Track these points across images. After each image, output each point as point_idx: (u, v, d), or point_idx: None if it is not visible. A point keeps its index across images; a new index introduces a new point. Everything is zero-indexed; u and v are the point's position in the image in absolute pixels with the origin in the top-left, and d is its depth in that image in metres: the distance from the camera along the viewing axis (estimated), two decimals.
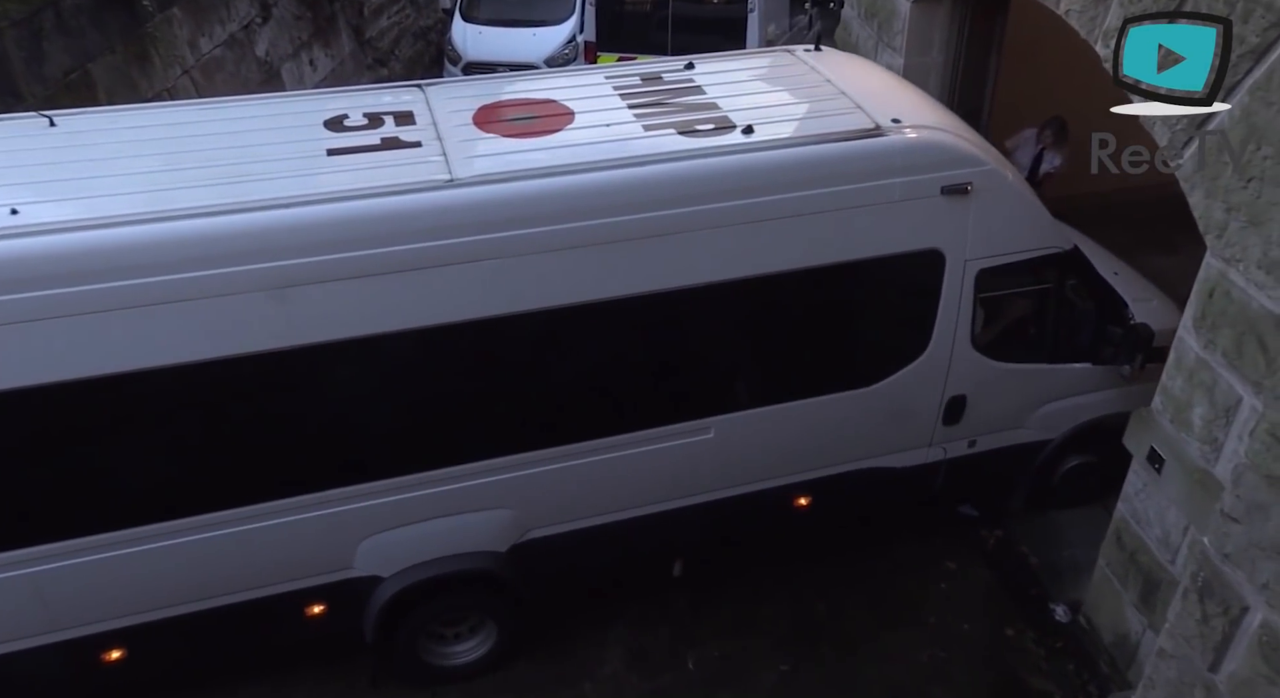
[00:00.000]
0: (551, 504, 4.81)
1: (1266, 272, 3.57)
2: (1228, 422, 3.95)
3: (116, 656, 4.51)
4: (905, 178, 4.50)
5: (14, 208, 3.68)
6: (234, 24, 9.95)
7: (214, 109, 4.85)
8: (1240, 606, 3.31)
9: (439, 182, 4.05)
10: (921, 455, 5.36)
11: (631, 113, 4.69)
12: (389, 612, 4.73)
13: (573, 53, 11.77)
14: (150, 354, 3.80)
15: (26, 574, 4.10)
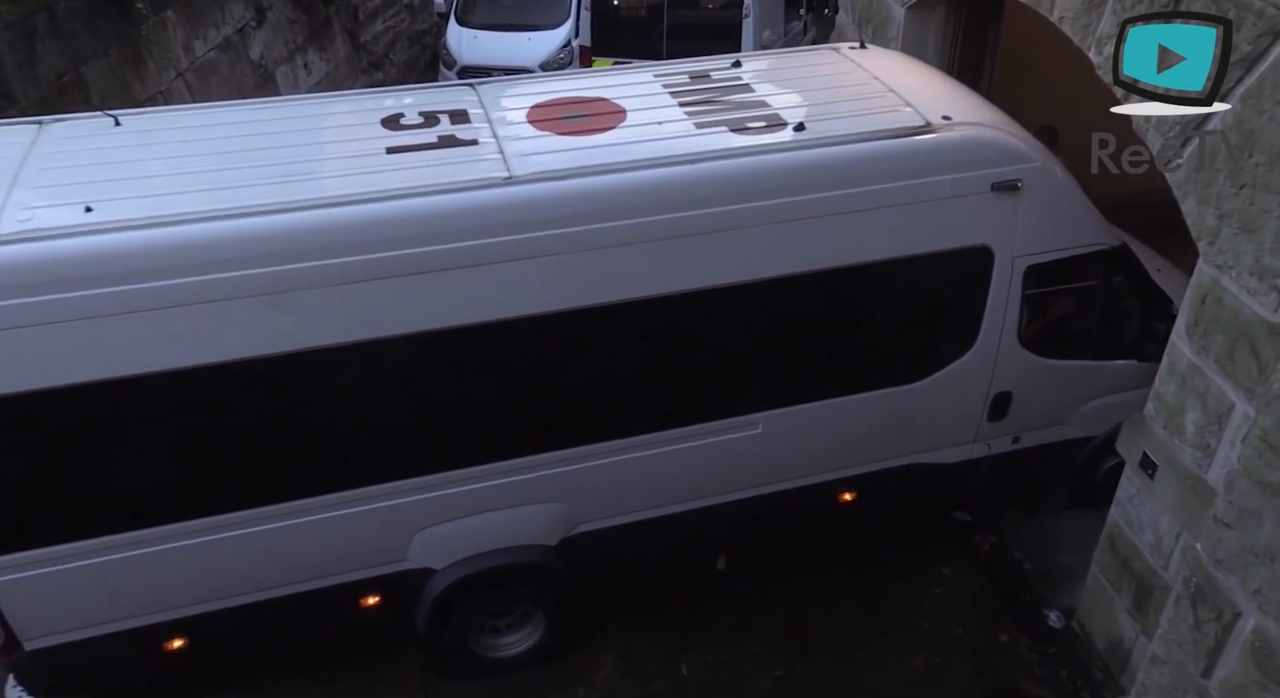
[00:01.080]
0: (601, 499, 4.87)
1: (1258, 278, 3.58)
2: (1220, 428, 3.96)
3: (178, 645, 4.60)
4: (956, 174, 4.52)
5: (89, 205, 3.75)
6: (228, 27, 9.93)
7: (273, 108, 4.94)
8: (1233, 611, 3.31)
9: (498, 179, 4.11)
10: (966, 452, 5.39)
11: (682, 111, 4.73)
12: (441, 603, 4.80)
13: (568, 57, 11.78)
14: (219, 349, 3.87)
15: (94, 564, 4.18)
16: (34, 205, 3.80)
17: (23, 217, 3.72)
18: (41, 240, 3.63)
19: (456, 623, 4.97)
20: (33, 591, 4.18)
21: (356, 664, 5.34)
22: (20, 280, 3.58)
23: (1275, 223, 3.47)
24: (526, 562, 4.88)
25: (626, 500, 4.93)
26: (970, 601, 5.70)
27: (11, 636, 4.31)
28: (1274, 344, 3.54)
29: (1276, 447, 3.01)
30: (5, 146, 4.26)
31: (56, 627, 4.35)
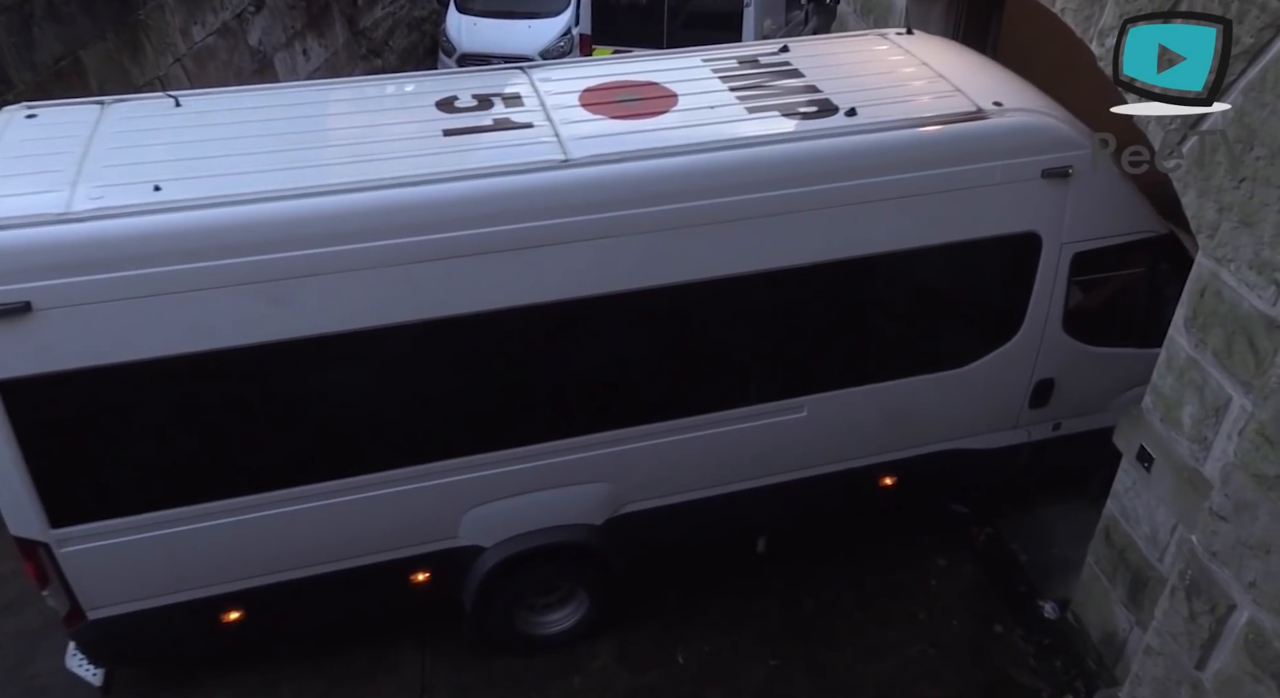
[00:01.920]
0: (648, 479, 4.93)
1: (1257, 272, 3.58)
2: (1217, 421, 3.97)
3: (235, 617, 4.68)
4: (1007, 161, 4.52)
5: (157, 184, 3.82)
6: (226, 12, 9.88)
7: (327, 90, 5.01)
8: (1227, 604, 3.32)
9: (555, 162, 4.15)
10: (1006, 438, 5.42)
11: (733, 95, 4.77)
12: (489, 581, 4.86)
13: (568, 46, 11.72)
14: (285, 326, 3.95)
15: (159, 536, 4.26)
16: (104, 184, 3.87)
17: (95, 195, 3.79)
18: (114, 218, 3.70)
19: (503, 600, 5.05)
20: (99, 561, 4.26)
21: (355, 649, 5.36)
22: (94, 257, 3.66)
23: (1275, 217, 3.47)
24: (573, 541, 4.94)
25: (672, 482, 4.99)
26: (966, 592, 5.72)
27: (77, 605, 4.39)
28: (1272, 338, 3.55)
29: (1273, 440, 3.01)
30: (71, 126, 4.33)
31: (120, 597, 4.44)
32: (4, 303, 3.57)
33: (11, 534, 4.15)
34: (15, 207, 3.71)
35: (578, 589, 5.30)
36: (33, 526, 4.09)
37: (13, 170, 3.99)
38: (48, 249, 3.63)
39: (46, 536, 4.13)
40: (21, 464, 3.90)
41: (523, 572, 4.96)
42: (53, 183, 3.87)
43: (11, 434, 3.82)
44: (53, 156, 4.07)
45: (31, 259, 3.61)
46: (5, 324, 3.60)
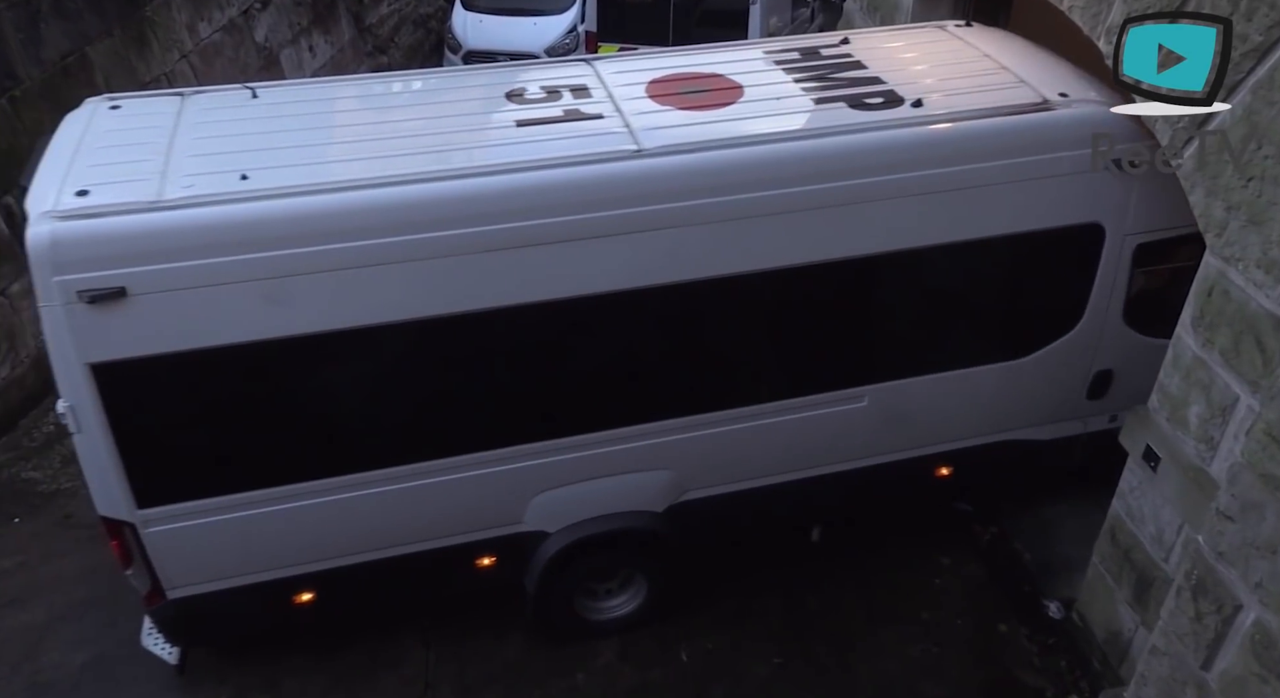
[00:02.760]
0: (709, 467, 4.98)
1: (1265, 271, 3.57)
2: (1224, 421, 3.95)
3: (307, 598, 4.76)
4: (1074, 152, 4.52)
5: (244, 173, 3.90)
6: (233, 9, 9.90)
7: (397, 82, 5.10)
8: (1234, 604, 3.31)
9: (627, 152, 4.21)
10: (1063, 429, 5.43)
11: (798, 87, 4.81)
12: (553, 566, 4.92)
13: (574, 43, 11.72)
14: (367, 313, 4.03)
15: (239, 518, 4.35)
16: (193, 173, 3.96)
17: (185, 183, 3.88)
18: (205, 206, 3.79)
19: (564, 585, 5.10)
20: (181, 542, 4.35)
21: (358, 645, 5.37)
22: (186, 244, 3.74)
23: None
24: (636, 527, 5.01)
25: (732, 470, 5.04)
26: (970, 591, 5.71)
27: (158, 584, 4.48)
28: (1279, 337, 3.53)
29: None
30: (154, 117, 4.42)
31: (198, 577, 4.52)
32: (100, 288, 3.66)
33: (99, 514, 4.26)
34: (109, 195, 3.79)
35: (636, 575, 5.36)
36: (120, 506, 4.18)
37: (103, 160, 4.07)
38: (142, 236, 3.72)
39: (133, 516, 4.22)
40: (112, 446, 4.01)
41: (584, 557, 5.02)
42: (143, 172, 3.96)
43: (104, 417, 3.92)
44: (140, 146, 4.16)
45: (127, 246, 3.69)
46: (101, 309, 3.69)
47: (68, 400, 3.91)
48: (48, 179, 3.94)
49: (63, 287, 3.65)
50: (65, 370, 3.84)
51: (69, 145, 4.19)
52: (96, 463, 4.06)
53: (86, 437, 3.98)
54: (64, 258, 3.64)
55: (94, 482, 4.14)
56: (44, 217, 3.69)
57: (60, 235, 3.63)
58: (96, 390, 3.86)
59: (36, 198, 3.82)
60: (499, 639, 5.43)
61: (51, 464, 6.79)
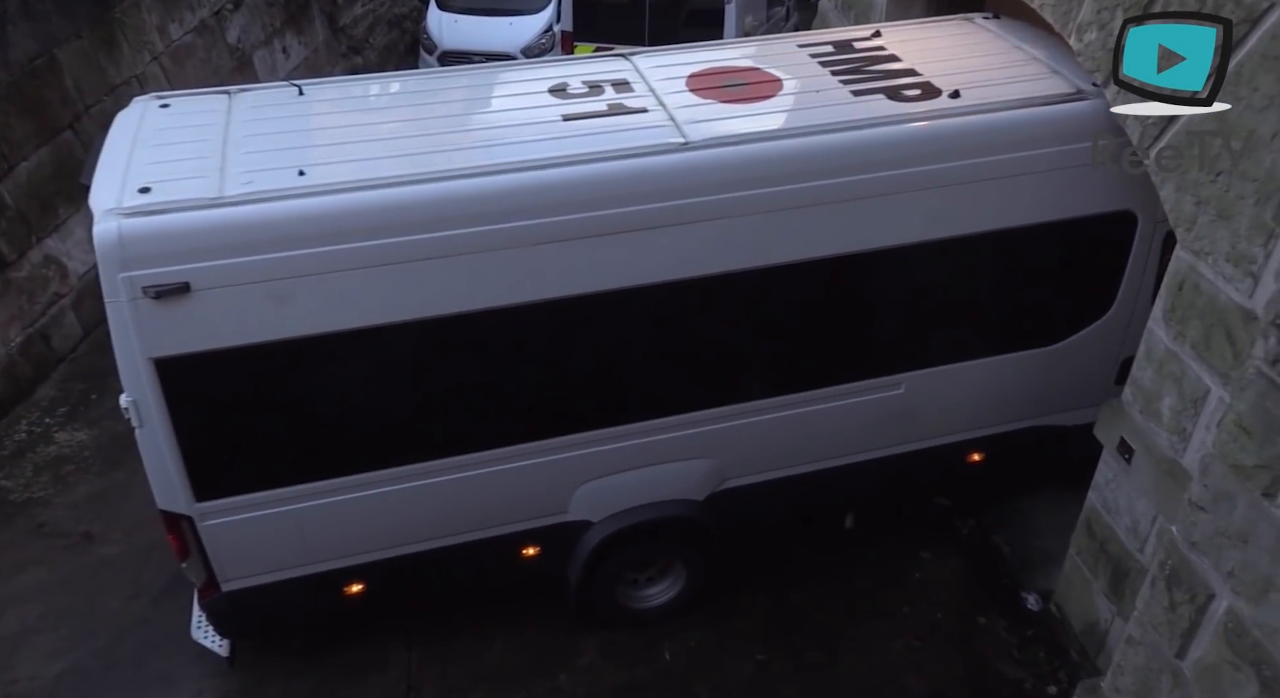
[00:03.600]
0: (749, 455, 5.04)
1: (1234, 265, 3.62)
2: (1196, 412, 4.01)
3: (357, 589, 4.81)
4: (1108, 141, 4.56)
5: (301, 169, 3.96)
6: (204, 10, 9.79)
7: (441, 78, 5.14)
8: (1206, 593, 3.36)
9: (675, 144, 4.25)
10: (1092, 415, 5.43)
11: (835, 79, 4.86)
12: (596, 554, 4.98)
13: (549, 43, 11.69)
14: (420, 306, 4.08)
15: (292, 510, 4.41)
16: (251, 169, 3.99)
17: (244, 179, 3.92)
18: (265, 202, 3.83)
19: (606, 574, 5.15)
20: (236, 534, 4.40)
21: (343, 648, 5.35)
22: (248, 239, 3.79)
23: (1251, 210, 3.51)
24: (678, 515, 5.06)
25: (772, 458, 5.11)
26: (950, 584, 5.76)
27: (212, 577, 4.53)
28: (1249, 329, 3.58)
29: (1250, 431, 3.04)
30: (205, 115, 4.47)
31: (252, 570, 4.58)
32: (165, 284, 3.71)
33: (158, 508, 4.30)
34: (171, 192, 3.83)
35: (675, 564, 5.41)
36: (178, 500, 4.24)
37: (161, 158, 4.11)
38: (205, 232, 3.75)
39: (191, 509, 4.27)
40: (173, 440, 4.06)
41: (626, 546, 5.08)
42: (202, 169, 4.00)
43: (165, 410, 3.98)
44: (196, 144, 4.20)
45: (190, 241, 3.73)
46: (165, 304, 3.74)
47: (130, 395, 3.96)
48: (108, 177, 3.97)
49: (129, 282, 3.70)
50: (129, 365, 3.89)
51: (124, 144, 4.22)
52: (157, 457, 4.12)
53: (148, 431, 4.04)
54: (130, 254, 3.67)
55: (154, 476, 4.20)
56: (109, 213, 3.72)
57: (126, 232, 3.66)
58: (159, 385, 3.91)
59: (100, 195, 3.85)
60: (482, 641, 5.42)
61: (24, 473, 6.70)
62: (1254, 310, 3.56)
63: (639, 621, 5.46)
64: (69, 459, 6.80)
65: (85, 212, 8.33)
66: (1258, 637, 3.13)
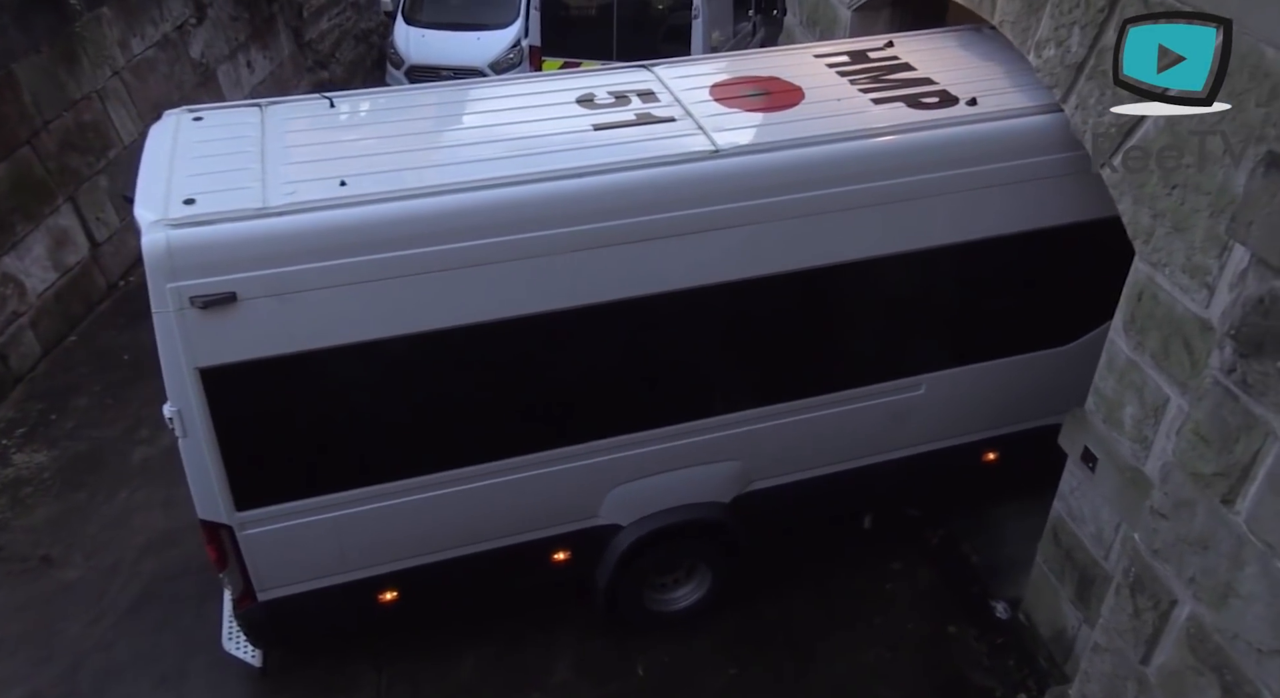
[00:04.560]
0: (775, 457, 5.12)
1: (1190, 275, 3.70)
2: (1157, 421, 4.08)
3: (390, 597, 4.83)
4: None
5: (342, 180, 3.99)
6: (167, 24, 9.69)
7: (468, 90, 5.20)
8: (1169, 599, 3.40)
9: (705, 152, 4.32)
10: None
11: (855, 88, 4.96)
12: (626, 557, 5.02)
13: (517, 57, 11.70)
14: (464, 313, 4.14)
15: (330, 518, 4.43)
16: (291, 180, 4.03)
17: (287, 190, 3.96)
18: (309, 212, 3.87)
19: (634, 578, 5.19)
20: (274, 543, 4.42)
21: (310, 670, 5.27)
22: (293, 249, 3.82)
23: (1205, 222, 3.58)
24: (706, 518, 5.12)
25: (796, 460, 5.18)
26: (920, 594, 5.79)
27: (249, 586, 4.53)
28: (1206, 339, 3.66)
29: (1208, 439, 3.10)
30: (240, 127, 4.52)
31: (289, 579, 4.59)
32: (212, 294, 3.74)
33: (199, 518, 4.30)
34: (216, 203, 3.85)
35: (700, 566, 5.46)
36: (219, 509, 4.25)
37: (201, 170, 4.14)
38: (251, 242, 3.79)
39: (231, 519, 4.29)
40: (215, 449, 4.08)
41: (653, 549, 5.11)
42: (243, 180, 4.03)
43: (210, 420, 4.01)
44: (234, 155, 4.24)
45: (237, 252, 3.77)
46: (212, 314, 3.77)
47: (175, 405, 3.98)
48: (151, 189, 4.00)
49: (176, 293, 3.72)
50: (174, 376, 3.92)
51: (162, 156, 4.26)
52: (200, 467, 4.14)
53: (191, 441, 4.06)
54: (178, 264, 3.70)
55: (196, 485, 4.21)
56: (156, 225, 3.74)
57: (175, 243, 3.69)
58: (204, 395, 3.94)
59: (145, 207, 3.87)
60: (452, 660, 5.36)
61: None
62: (1210, 321, 3.64)
63: (664, 623, 5.51)
64: (27, 481, 6.65)
65: (44, 228, 8.21)
66: (1219, 642, 3.17)
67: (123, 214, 8.89)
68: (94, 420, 7.18)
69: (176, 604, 5.70)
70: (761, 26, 12.25)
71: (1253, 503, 2.94)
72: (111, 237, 8.75)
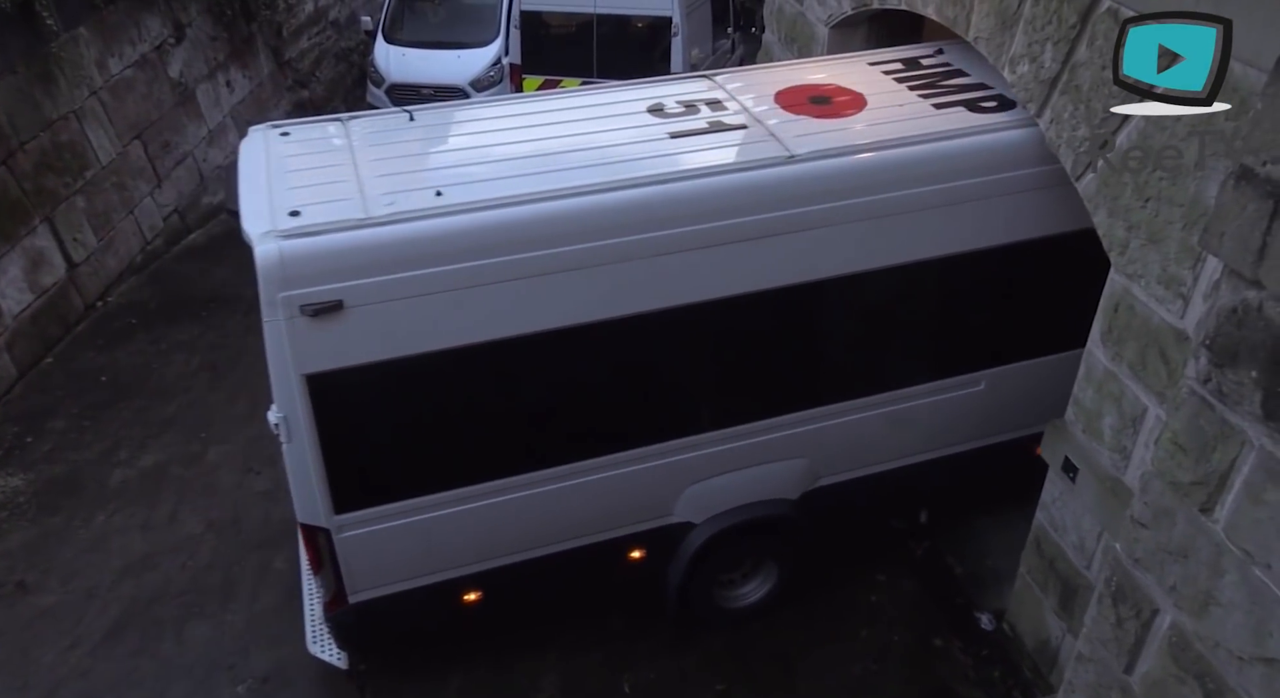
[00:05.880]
0: (841, 454, 5.23)
1: (1165, 286, 3.74)
2: (1135, 431, 4.11)
3: (473, 597, 4.91)
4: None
5: (438, 190, 4.11)
6: (145, 44, 9.66)
7: (536, 102, 5.25)
8: (1151, 608, 3.42)
9: (781, 158, 4.44)
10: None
11: (915, 94, 5.09)
12: (699, 555, 5.11)
13: (498, 75, 11.74)
14: (560, 316, 4.24)
15: (421, 520, 4.51)
16: (388, 191, 4.14)
17: (386, 201, 4.06)
18: (410, 221, 3.98)
19: (705, 574, 5.28)
20: (368, 546, 4.50)
21: (292, 693, 5.20)
22: (396, 257, 3.94)
23: (1179, 234, 3.63)
24: (775, 515, 5.23)
25: (861, 456, 5.29)
26: (905, 606, 5.80)
27: (341, 589, 4.60)
28: (1182, 349, 3.70)
29: (1185, 448, 3.13)
30: (328, 141, 4.66)
31: (380, 581, 4.67)
32: (321, 302, 3.85)
33: (298, 521, 4.38)
34: (321, 214, 3.96)
35: (766, 561, 5.56)
36: (319, 513, 4.33)
37: (299, 183, 4.24)
38: (356, 251, 3.90)
39: (329, 522, 4.37)
40: (318, 453, 4.16)
41: (725, 546, 5.21)
42: (343, 192, 4.15)
43: (314, 425, 4.09)
44: (329, 168, 4.36)
45: (344, 261, 3.88)
46: (319, 322, 3.88)
47: (281, 411, 4.08)
48: (254, 202, 4.10)
49: (287, 302, 3.83)
50: (282, 382, 4.01)
51: (258, 170, 4.37)
52: (302, 472, 4.22)
53: (296, 446, 4.15)
54: (290, 274, 3.81)
55: (297, 490, 4.30)
56: (268, 236, 3.84)
57: (287, 253, 3.81)
58: (310, 400, 4.04)
59: (252, 220, 3.97)
60: (437, 682, 5.31)
61: None
62: (1185, 331, 3.68)
63: (731, 620, 5.59)
64: (2, 506, 6.55)
65: (20, 250, 8.14)
66: (1200, 650, 3.19)
67: (100, 235, 8.83)
68: (71, 443, 7.09)
69: (155, 629, 5.63)
70: (740, 44, 12.37)
71: (1230, 511, 2.97)
72: (89, 257, 8.67)
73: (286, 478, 4.31)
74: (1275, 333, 2.67)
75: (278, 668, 5.38)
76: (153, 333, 8.32)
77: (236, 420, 7.19)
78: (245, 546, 6.19)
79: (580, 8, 10.54)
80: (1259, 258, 2.67)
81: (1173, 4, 3.02)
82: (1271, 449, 2.76)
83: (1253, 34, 2.84)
